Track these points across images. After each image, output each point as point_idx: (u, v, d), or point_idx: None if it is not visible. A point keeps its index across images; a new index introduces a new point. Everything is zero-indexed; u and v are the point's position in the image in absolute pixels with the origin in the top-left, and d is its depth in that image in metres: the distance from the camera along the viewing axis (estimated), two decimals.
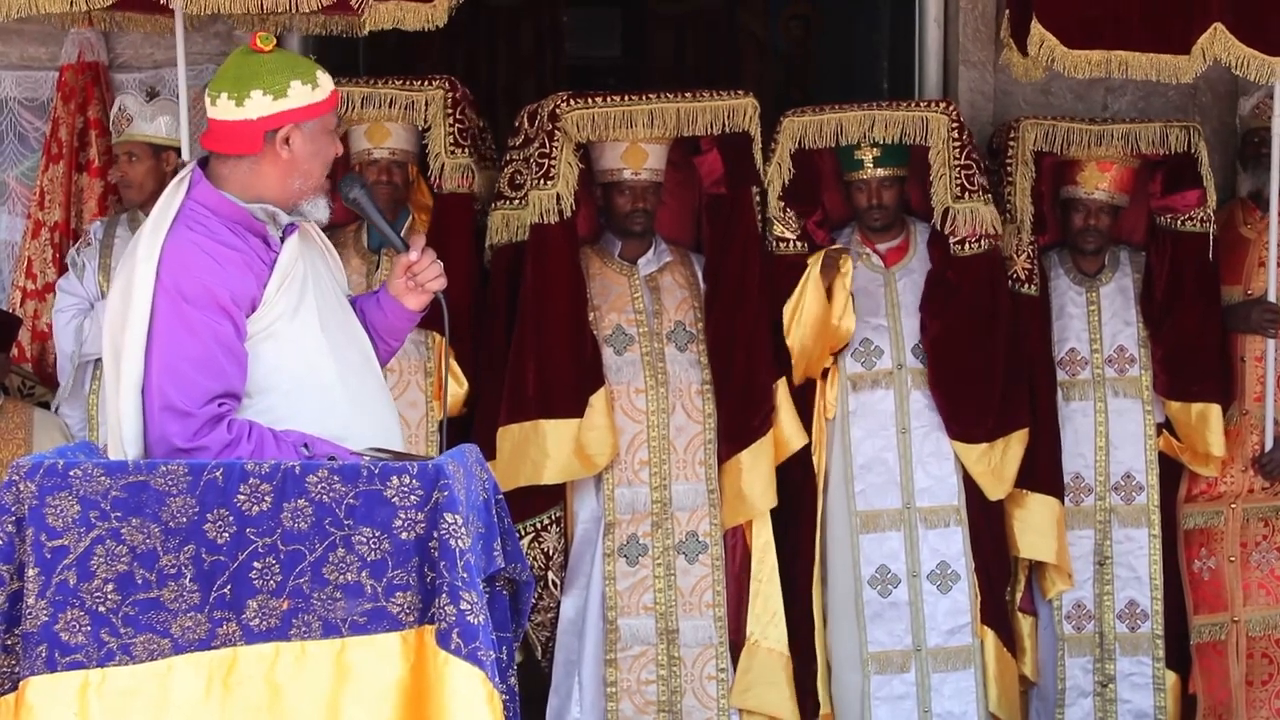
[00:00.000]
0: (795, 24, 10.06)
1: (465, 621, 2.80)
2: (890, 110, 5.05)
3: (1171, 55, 4.71)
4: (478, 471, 3.07)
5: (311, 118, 3.25)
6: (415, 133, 5.01)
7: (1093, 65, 4.75)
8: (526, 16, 9.88)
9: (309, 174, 3.27)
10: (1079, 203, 5.16)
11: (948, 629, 5.02)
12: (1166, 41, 4.72)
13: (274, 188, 3.26)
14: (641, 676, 4.96)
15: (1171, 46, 4.71)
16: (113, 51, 5.49)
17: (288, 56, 3.30)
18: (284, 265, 3.19)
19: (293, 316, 3.18)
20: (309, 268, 3.26)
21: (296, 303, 3.19)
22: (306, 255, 3.27)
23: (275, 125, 3.22)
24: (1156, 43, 4.72)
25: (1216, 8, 4.65)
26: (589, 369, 4.93)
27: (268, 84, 3.21)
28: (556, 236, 4.90)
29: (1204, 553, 5.18)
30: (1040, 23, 4.71)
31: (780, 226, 5.05)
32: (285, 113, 3.22)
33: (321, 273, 3.32)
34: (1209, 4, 4.66)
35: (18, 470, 2.85)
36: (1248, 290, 5.19)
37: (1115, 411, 5.18)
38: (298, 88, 3.23)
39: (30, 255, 5.32)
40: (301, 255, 3.25)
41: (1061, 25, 4.71)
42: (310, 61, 3.35)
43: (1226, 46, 4.66)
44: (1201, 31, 4.66)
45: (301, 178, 3.26)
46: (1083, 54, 4.73)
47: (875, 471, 5.04)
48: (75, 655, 2.81)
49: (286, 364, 3.17)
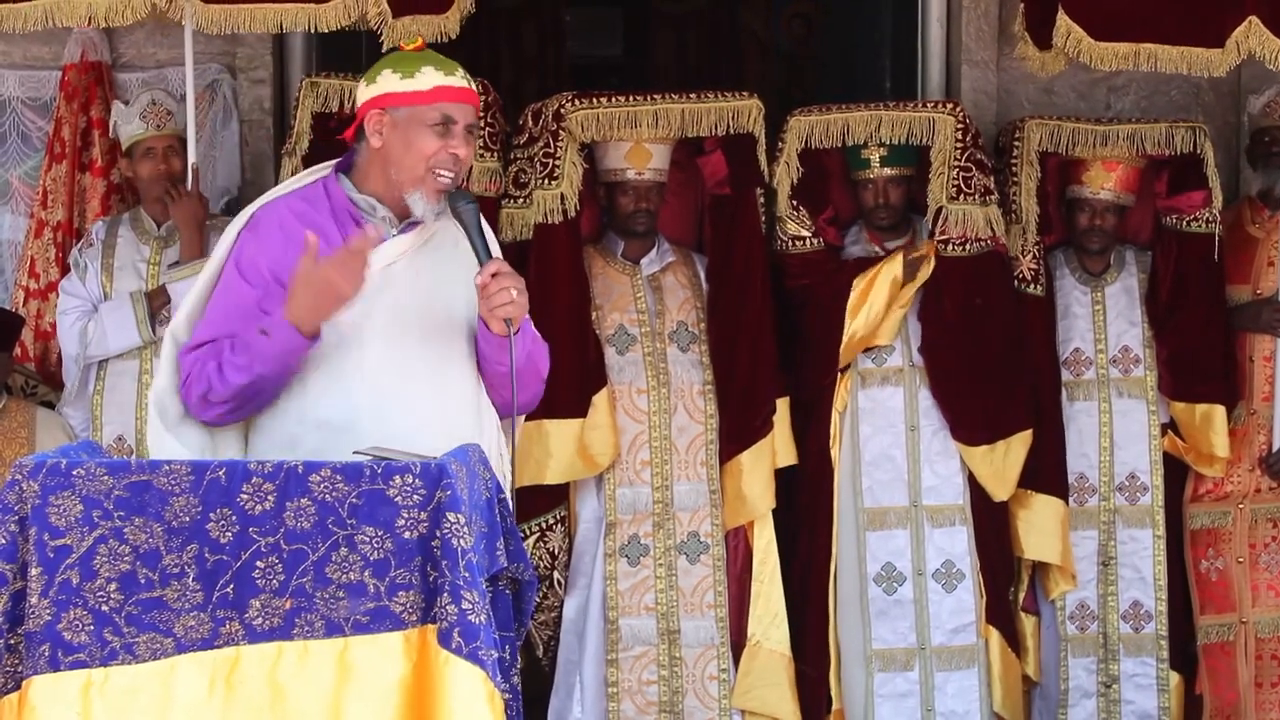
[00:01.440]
0: (797, 23, 10.06)
1: (467, 621, 2.80)
2: (897, 111, 5.05)
3: (1204, 49, 4.63)
4: (480, 471, 3.07)
5: (399, 105, 3.24)
6: None
7: (1120, 58, 4.68)
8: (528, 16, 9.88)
9: (401, 165, 3.26)
10: (1084, 202, 5.15)
11: (952, 628, 5.02)
12: (1199, 34, 4.63)
13: (377, 179, 3.29)
14: (643, 677, 4.96)
15: (1204, 40, 4.62)
16: (116, 51, 5.49)
17: (419, 53, 3.31)
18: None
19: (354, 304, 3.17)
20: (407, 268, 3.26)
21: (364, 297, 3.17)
22: (410, 262, 3.27)
23: (364, 112, 3.28)
24: (1188, 36, 4.63)
25: (1251, 0, 4.59)
26: (592, 369, 4.93)
27: (368, 75, 3.29)
28: (560, 236, 4.90)
29: (1211, 553, 5.17)
30: (1067, 14, 4.63)
31: (795, 225, 5.06)
32: (372, 99, 3.27)
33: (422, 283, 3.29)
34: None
35: (21, 469, 2.85)
36: (1256, 290, 5.18)
37: (1120, 412, 5.17)
38: (388, 76, 3.27)
39: (33, 254, 5.32)
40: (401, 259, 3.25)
41: (1089, 17, 4.63)
42: (439, 57, 3.33)
43: (1261, 40, 4.58)
44: (1236, 24, 4.58)
45: (395, 168, 3.26)
46: (1110, 46, 4.65)
47: (883, 468, 5.04)
48: (78, 654, 2.80)
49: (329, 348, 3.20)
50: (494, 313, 3.21)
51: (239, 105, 5.51)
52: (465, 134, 3.29)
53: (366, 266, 3.14)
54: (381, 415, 3.20)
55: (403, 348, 3.25)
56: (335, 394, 3.21)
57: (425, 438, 3.14)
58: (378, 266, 3.21)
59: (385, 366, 3.24)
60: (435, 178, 3.26)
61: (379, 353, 3.24)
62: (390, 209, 3.30)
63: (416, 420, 3.22)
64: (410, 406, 3.23)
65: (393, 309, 3.26)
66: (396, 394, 3.23)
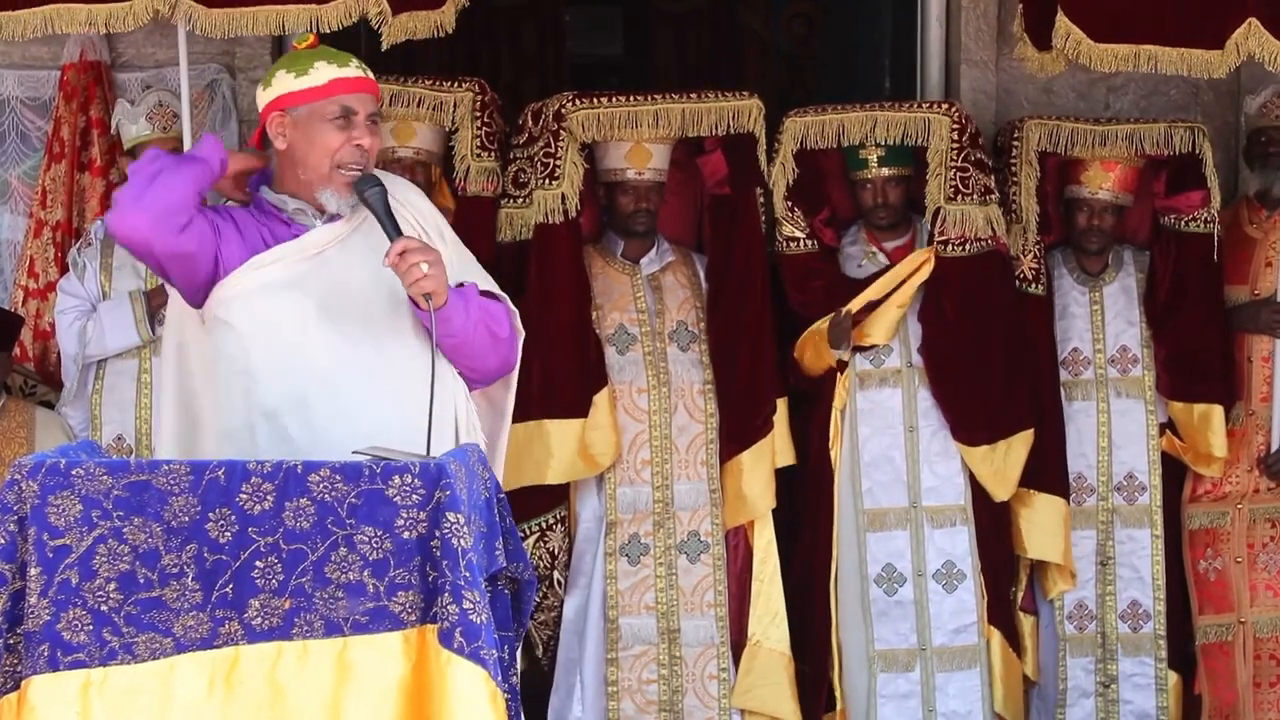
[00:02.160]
0: (797, 22, 10.06)
1: (468, 620, 2.80)
2: (892, 111, 5.05)
3: (1203, 50, 4.62)
4: (479, 471, 3.07)
5: (297, 104, 3.25)
6: (441, 134, 5.01)
7: (1119, 60, 4.66)
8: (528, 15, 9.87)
9: (307, 163, 3.27)
10: (1083, 202, 5.15)
11: (953, 628, 5.02)
12: (1198, 36, 4.61)
13: (290, 179, 3.31)
14: (643, 676, 4.96)
15: (1204, 41, 4.60)
16: (115, 51, 5.48)
17: (311, 50, 3.33)
18: (281, 250, 3.23)
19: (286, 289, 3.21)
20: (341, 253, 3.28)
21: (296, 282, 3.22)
22: (342, 247, 3.29)
23: (265, 116, 3.30)
24: (1188, 37, 4.62)
25: (1251, 2, 4.56)
26: (593, 369, 4.93)
27: (264, 80, 3.30)
28: (561, 236, 4.91)
29: (1210, 553, 5.17)
30: (1066, 15, 4.62)
31: (789, 226, 5.06)
32: (271, 103, 3.29)
33: (356, 267, 3.31)
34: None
35: (20, 469, 2.85)
36: (1254, 290, 5.18)
37: (1118, 411, 5.17)
38: (282, 77, 3.28)
39: (32, 254, 5.32)
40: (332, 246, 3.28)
41: (1089, 18, 4.62)
42: (332, 51, 3.34)
43: (1261, 42, 4.56)
44: (1236, 26, 4.57)
45: (302, 167, 3.26)
46: (1109, 48, 4.64)
47: (882, 469, 5.04)
48: (77, 654, 2.81)
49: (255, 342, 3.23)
50: (411, 290, 3.22)
51: (238, 105, 5.51)
52: (368, 124, 3.31)
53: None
54: (327, 399, 3.20)
55: (343, 331, 3.26)
56: (280, 382, 3.23)
57: (373, 416, 3.19)
58: (310, 250, 3.25)
59: (327, 350, 3.24)
60: (343, 172, 3.28)
61: (320, 338, 3.25)
62: (309, 204, 3.33)
63: (363, 400, 3.23)
64: (356, 388, 3.24)
65: (330, 294, 3.27)
66: (341, 377, 3.24)
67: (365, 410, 3.21)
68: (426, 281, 3.20)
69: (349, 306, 3.28)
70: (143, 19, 4.53)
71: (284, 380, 3.23)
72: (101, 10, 4.51)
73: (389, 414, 3.23)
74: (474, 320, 3.34)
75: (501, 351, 3.45)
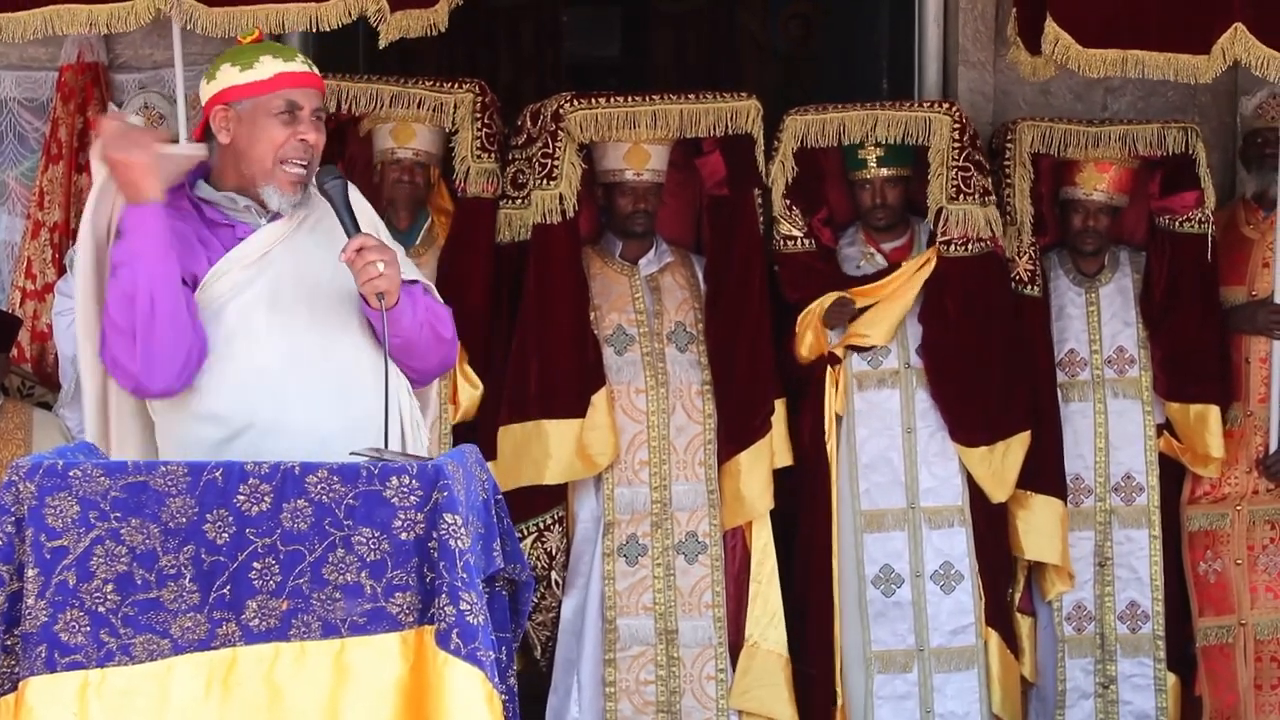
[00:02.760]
0: (795, 23, 10.06)
1: (465, 622, 2.80)
2: (893, 110, 5.05)
3: (1190, 55, 4.65)
4: (477, 472, 3.07)
5: (242, 98, 3.21)
6: (441, 135, 5.01)
7: (1108, 65, 4.70)
8: (526, 15, 9.87)
9: (250, 158, 3.23)
10: (1078, 204, 5.15)
11: (951, 629, 5.02)
12: (1185, 41, 4.66)
13: (232, 175, 3.26)
14: (640, 676, 4.96)
15: (1190, 46, 4.65)
16: (112, 52, 5.48)
17: (256, 45, 3.28)
18: (223, 264, 3.19)
19: (234, 299, 3.17)
20: (286, 251, 3.24)
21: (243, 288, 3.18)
22: (287, 246, 3.24)
23: (209, 110, 3.24)
24: (1174, 43, 4.66)
25: (1237, 7, 4.60)
26: (591, 369, 4.94)
27: (208, 73, 3.25)
28: (559, 237, 4.91)
29: (1209, 555, 5.17)
30: (1055, 21, 4.65)
31: (787, 225, 5.06)
32: (215, 96, 3.23)
33: (303, 264, 3.27)
34: (1229, 4, 4.61)
35: (17, 470, 2.84)
36: (1251, 291, 5.18)
37: (1115, 412, 5.17)
38: (227, 70, 3.23)
39: (30, 255, 5.32)
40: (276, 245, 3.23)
41: (1077, 24, 4.66)
42: (277, 46, 3.31)
43: (1247, 47, 4.61)
44: (1222, 31, 4.62)
45: (245, 162, 3.24)
46: (1098, 53, 4.68)
47: (880, 471, 5.04)
48: (75, 656, 2.80)
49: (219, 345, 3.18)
50: (364, 288, 3.17)
51: None
52: (313, 119, 3.25)
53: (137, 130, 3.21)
54: (275, 400, 3.17)
55: (290, 330, 3.22)
56: (229, 386, 3.18)
57: (321, 415, 3.15)
58: (254, 255, 3.21)
59: (275, 351, 3.20)
60: (285, 169, 3.23)
61: (267, 338, 3.20)
62: (253, 200, 3.27)
63: (312, 399, 3.19)
64: (304, 387, 3.19)
65: (276, 293, 3.22)
66: (289, 376, 3.19)
67: (310, 409, 3.17)
68: (381, 280, 3.16)
69: (297, 306, 3.23)
70: (144, 19, 4.53)
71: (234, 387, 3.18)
72: (102, 11, 4.51)
73: (334, 412, 3.19)
74: (420, 320, 3.31)
75: (443, 352, 3.43)
